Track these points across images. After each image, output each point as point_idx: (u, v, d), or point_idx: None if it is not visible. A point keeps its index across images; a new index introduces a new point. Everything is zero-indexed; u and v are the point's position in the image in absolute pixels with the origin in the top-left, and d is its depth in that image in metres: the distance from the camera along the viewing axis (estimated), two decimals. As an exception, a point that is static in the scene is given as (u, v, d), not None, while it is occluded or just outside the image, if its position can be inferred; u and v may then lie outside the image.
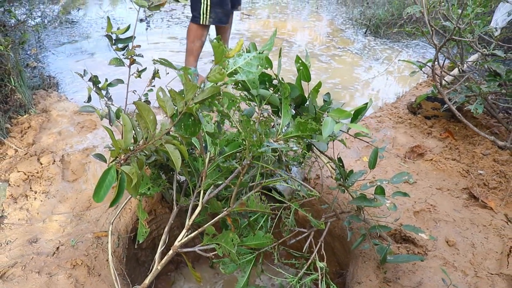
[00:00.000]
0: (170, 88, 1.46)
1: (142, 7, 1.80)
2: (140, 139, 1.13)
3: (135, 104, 1.05)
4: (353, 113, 1.24)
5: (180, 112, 1.02)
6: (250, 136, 1.04)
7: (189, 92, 0.99)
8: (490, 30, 2.59)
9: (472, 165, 2.40)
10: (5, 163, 2.34)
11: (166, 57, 3.49)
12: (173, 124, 1.03)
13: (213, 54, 0.99)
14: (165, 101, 1.03)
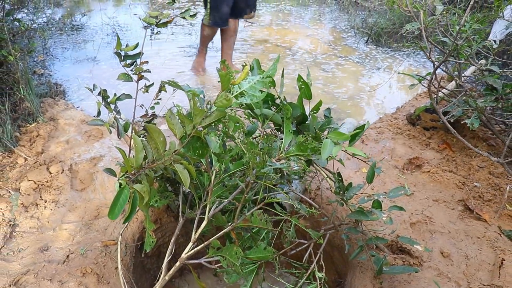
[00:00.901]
0: (179, 108, 1.54)
1: (150, 24, 1.88)
2: (150, 158, 1.20)
3: (147, 127, 1.12)
4: (350, 135, 1.31)
5: (189, 135, 1.10)
6: (254, 158, 1.11)
7: (197, 116, 1.07)
8: (488, 44, 2.67)
9: (468, 177, 2.47)
10: (15, 172, 2.41)
11: (170, 64, 3.57)
12: (182, 146, 1.11)
13: (220, 81, 1.06)
14: (174, 124, 1.10)
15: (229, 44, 3.87)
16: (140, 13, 5.86)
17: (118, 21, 5.43)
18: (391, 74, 4.07)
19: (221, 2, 3.51)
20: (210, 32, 3.78)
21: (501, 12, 2.88)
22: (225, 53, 3.93)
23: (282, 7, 6.25)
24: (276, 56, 4.32)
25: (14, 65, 3.19)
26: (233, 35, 3.84)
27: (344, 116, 3.31)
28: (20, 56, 3.31)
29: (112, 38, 4.86)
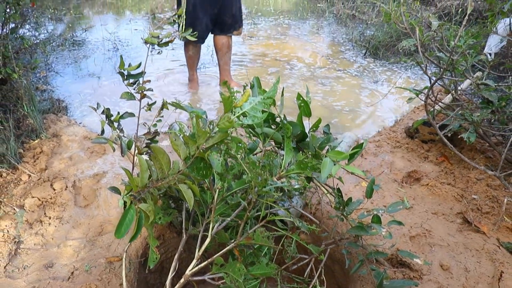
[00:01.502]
0: (181, 126, 1.57)
1: (152, 44, 1.92)
2: (155, 177, 1.24)
3: (152, 148, 1.16)
4: (349, 154, 1.35)
5: (193, 156, 1.13)
6: (256, 178, 1.15)
7: (201, 137, 1.11)
8: (483, 58, 2.71)
9: (466, 190, 2.50)
10: (20, 189, 2.45)
11: (170, 78, 3.61)
12: (186, 167, 1.14)
13: (223, 104, 1.10)
14: (178, 145, 1.14)
15: (226, 60, 3.93)
16: (141, 28, 5.93)
17: (119, 36, 5.50)
18: (389, 87, 4.12)
19: (195, 20, 3.57)
20: (193, 50, 3.84)
21: (494, 27, 2.93)
22: (223, 69, 3.98)
23: (281, 20, 6.32)
24: (275, 71, 4.39)
25: (18, 82, 3.24)
26: (228, 51, 3.90)
27: (343, 130, 3.35)
28: (23, 73, 3.37)
29: (113, 54, 4.91)
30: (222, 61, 3.95)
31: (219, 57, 3.93)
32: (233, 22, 3.76)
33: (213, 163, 1.14)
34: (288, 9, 6.98)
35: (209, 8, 3.59)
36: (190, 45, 3.80)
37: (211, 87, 4.09)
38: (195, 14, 3.55)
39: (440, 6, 5.93)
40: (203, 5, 3.55)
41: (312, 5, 7.12)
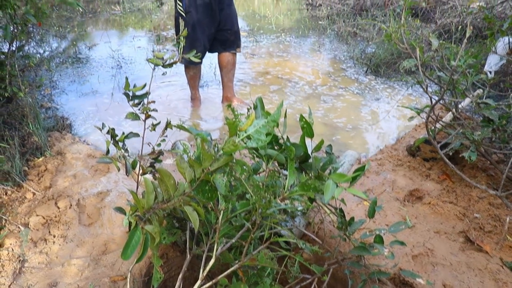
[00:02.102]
0: (185, 146, 1.59)
1: (156, 65, 1.95)
2: (160, 199, 1.26)
3: (158, 171, 1.18)
4: (351, 177, 1.37)
5: (198, 178, 1.15)
6: (260, 201, 1.17)
7: (206, 161, 1.13)
8: (483, 77, 2.75)
9: (468, 208, 2.51)
10: (24, 207, 2.47)
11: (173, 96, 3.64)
12: (192, 189, 1.17)
13: (228, 128, 1.13)
14: (184, 168, 1.16)
15: (229, 77, 3.97)
16: (144, 45, 5.99)
17: (122, 54, 5.56)
18: (390, 105, 4.15)
19: (194, 41, 3.61)
20: (194, 70, 3.87)
21: (494, 47, 2.97)
22: (227, 86, 4.02)
23: (282, 38, 6.39)
24: (277, 88, 4.43)
25: (23, 100, 3.28)
26: (232, 68, 3.94)
27: (344, 148, 3.37)
28: (28, 91, 3.41)
29: (116, 71, 4.97)
30: (226, 78, 3.99)
31: (223, 74, 3.97)
32: (235, 39, 3.81)
33: (219, 186, 1.16)
34: (290, 26, 7.06)
35: (207, 29, 3.64)
36: (190, 66, 3.84)
37: (214, 104, 4.12)
38: (194, 36, 3.60)
39: (440, 23, 5.99)
40: (202, 26, 3.60)
41: (313, 22, 7.19)
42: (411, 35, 5.39)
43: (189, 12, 3.51)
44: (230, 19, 3.71)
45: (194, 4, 3.50)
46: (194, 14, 3.52)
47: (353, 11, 7.22)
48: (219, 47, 3.84)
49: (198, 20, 3.55)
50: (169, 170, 2.81)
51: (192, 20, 3.53)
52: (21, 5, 3.18)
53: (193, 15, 3.52)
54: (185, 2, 3.49)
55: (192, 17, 3.52)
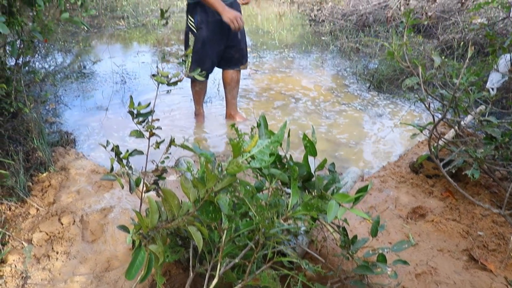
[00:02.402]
0: (189, 164, 1.60)
1: (161, 83, 1.97)
2: (164, 219, 1.27)
3: (162, 191, 1.19)
4: (354, 197, 1.38)
5: (202, 199, 1.16)
6: (263, 221, 1.18)
7: (210, 181, 1.14)
8: (485, 95, 2.76)
9: (472, 226, 2.51)
10: (28, 223, 2.48)
11: (177, 112, 3.65)
12: (196, 210, 1.17)
13: (232, 149, 1.14)
14: (188, 188, 1.17)
15: (233, 94, 3.99)
16: (148, 61, 6.04)
17: (126, 69, 5.60)
18: (393, 121, 4.16)
19: (203, 57, 3.61)
20: (201, 85, 3.87)
21: (495, 65, 2.99)
22: (230, 103, 4.04)
23: (286, 54, 6.44)
24: (281, 104, 4.45)
25: (28, 115, 3.30)
26: (236, 85, 3.96)
27: (347, 164, 3.38)
28: (33, 106, 3.44)
29: (120, 87, 5.00)
30: (229, 95, 4.01)
31: (227, 91, 3.99)
32: (240, 56, 3.83)
33: (222, 206, 1.17)
34: (293, 42, 7.11)
35: (217, 45, 3.64)
36: (197, 81, 3.84)
37: (218, 120, 4.14)
38: (204, 52, 3.60)
39: (442, 39, 6.03)
40: (212, 42, 3.60)
41: (316, 38, 7.24)
42: (414, 51, 5.42)
43: (200, 28, 3.52)
44: (237, 36, 3.73)
45: (205, 21, 3.50)
46: (205, 31, 3.53)
47: (356, 27, 7.28)
48: (224, 64, 3.86)
49: (209, 36, 3.56)
50: (172, 186, 2.83)
51: (202, 36, 3.54)
52: (28, 22, 3.22)
53: (203, 31, 3.53)
54: (197, 18, 3.49)
55: (202, 34, 3.53)
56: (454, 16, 6.53)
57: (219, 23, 3.50)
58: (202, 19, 3.50)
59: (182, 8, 9.52)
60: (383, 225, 1.72)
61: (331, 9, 8.20)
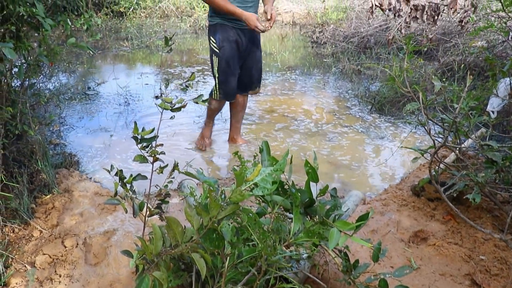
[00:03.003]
0: (192, 190, 1.63)
1: (165, 109, 2.01)
2: (168, 245, 1.29)
3: (166, 219, 1.22)
4: (355, 225, 1.40)
5: (205, 226, 1.18)
6: (266, 249, 1.20)
7: (213, 209, 1.16)
8: (485, 119, 2.79)
9: (474, 250, 2.51)
10: (31, 245, 2.49)
11: (179, 131, 3.67)
12: (199, 237, 1.19)
13: (235, 178, 1.16)
14: (192, 216, 1.20)
15: (238, 118, 4.01)
16: (151, 82, 6.10)
17: (130, 91, 5.66)
18: (395, 143, 4.19)
19: (229, 76, 3.59)
20: (218, 105, 3.84)
21: (495, 89, 3.03)
22: (234, 127, 4.06)
23: (288, 76, 6.50)
24: (283, 126, 4.49)
25: (33, 137, 3.33)
26: (242, 110, 3.98)
27: (349, 187, 3.39)
28: (38, 128, 3.47)
29: (124, 108, 5.05)
30: (234, 119, 4.03)
31: (231, 114, 4.02)
32: (249, 81, 3.81)
33: (226, 234, 1.19)
34: (295, 64, 7.18)
35: (237, 64, 3.63)
36: (214, 101, 3.79)
37: (220, 143, 4.17)
38: (229, 70, 3.57)
39: (443, 61, 6.08)
40: (235, 60, 3.59)
41: (318, 60, 7.32)
42: (415, 73, 5.48)
43: (223, 47, 3.51)
44: (251, 63, 3.74)
45: (227, 39, 3.50)
46: (228, 49, 3.52)
47: (357, 49, 7.35)
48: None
49: (232, 54, 3.54)
50: (175, 209, 2.84)
51: (226, 55, 3.53)
52: (34, 45, 3.27)
53: (226, 49, 3.52)
54: (218, 37, 3.49)
55: (226, 52, 3.52)
56: (454, 38, 6.60)
57: (238, 43, 3.54)
58: (224, 37, 3.49)
59: (185, 29, 9.65)
60: (384, 250, 1.73)
61: (333, 31, 8.29)
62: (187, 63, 7.15)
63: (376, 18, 7.75)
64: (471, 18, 6.40)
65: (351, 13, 8.63)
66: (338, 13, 10.05)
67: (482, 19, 6.54)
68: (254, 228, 1.36)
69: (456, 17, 6.81)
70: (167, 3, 10.72)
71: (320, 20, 9.91)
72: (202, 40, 8.92)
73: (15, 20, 2.82)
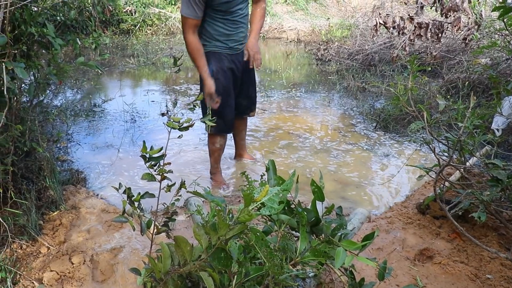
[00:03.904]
0: (200, 208, 1.65)
1: (173, 128, 2.04)
2: (177, 263, 1.31)
3: (175, 238, 1.24)
4: (361, 245, 1.42)
5: (214, 245, 1.21)
6: (273, 267, 1.22)
7: (222, 229, 1.18)
8: (490, 138, 2.81)
9: (480, 269, 2.51)
10: (39, 262, 2.51)
11: (184, 146, 3.67)
12: (208, 256, 1.22)
13: (243, 199, 1.19)
14: (200, 235, 1.22)
15: (241, 136, 4.02)
16: (158, 100, 6.16)
17: (136, 108, 5.71)
18: (400, 160, 4.20)
19: (224, 107, 3.38)
20: (221, 142, 3.64)
21: (499, 108, 3.05)
22: (239, 144, 4.07)
23: (293, 93, 6.54)
24: (287, 143, 4.52)
25: (41, 154, 3.37)
26: (244, 129, 3.98)
27: (354, 204, 3.40)
28: (46, 145, 3.51)
29: (130, 125, 5.09)
30: (238, 138, 4.04)
31: (234, 134, 3.99)
32: (248, 104, 3.75)
33: (234, 254, 1.21)
34: (300, 81, 7.23)
35: (233, 94, 3.47)
36: (218, 137, 3.58)
37: (226, 160, 4.19)
38: (225, 102, 3.37)
39: (447, 78, 6.11)
40: (230, 90, 3.42)
41: (323, 77, 7.37)
42: (419, 91, 5.51)
43: (217, 79, 3.28)
44: (247, 85, 3.62)
45: (221, 69, 3.31)
46: (222, 80, 3.32)
47: (362, 67, 7.40)
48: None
49: (227, 85, 3.37)
50: (181, 226, 2.86)
51: (221, 86, 3.31)
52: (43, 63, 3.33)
53: (221, 80, 3.31)
54: (212, 67, 3.28)
55: (220, 83, 3.30)
56: (458, 55, 6.64)
57: (233, 71, 3.37)
58: (218, 68, 3.30)
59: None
60: (390, 269, 1.74)
61: (338, 49, 8.35)
62: (192, 80, 7.21)
63: (381, 35, 7.81)
64: (475, 36, 6.46)
65: (356, 30, 8.70)
66: (343, 31, 10.14)
67: (485, 37, 6.59)
68: (261, 247, 1.38)
69: (460, 35, 6.85)
70: (173, 21, 10.84)
71: (325, 37, 9.99)
72: (208, 57, 8.99)
73: (26, 40, 2.88)
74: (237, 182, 3.80)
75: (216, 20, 3.20)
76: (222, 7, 3.14)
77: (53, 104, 5.24)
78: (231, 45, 3.31)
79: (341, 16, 11.98)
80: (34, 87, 3.15)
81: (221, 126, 3.44)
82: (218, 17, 3.19)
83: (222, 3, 3.12)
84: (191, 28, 3.12)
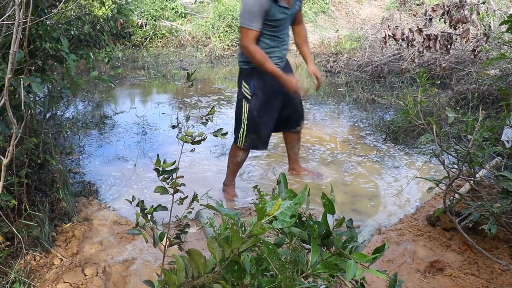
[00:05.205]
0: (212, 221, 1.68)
1: (186, 142, 2.07)
2: (190, 276, 1.33)
3: (189, 251, 1.27)
4: (372, 257, 1.43)
5: (227, 258, 1.23)
6: (285, 280, 1.24)
7: (235, 242, 1.21)
8: (499, 150, 2.81)
9: (491, 281, 2.50)
10: (52, 273, 2.55)
11: (196, 162, 3.68)
12: (221, 268, 1.24)
13: (256, 213, 1.22)
14: (214, 248, 1.25)
15: (295, 151, 4.03)
16: (168, 112, 6.22)
17: (147, 120, 5.77)
18: (410, 172, 4.21)
19: (260, 124, 3.42)
20: (243, 156, 3.65)
21: (509, 120, 3.05)
22: (292, 159, 4.08)
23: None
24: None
25: (54, 166, 3.43)
26: (297, 143, 3.99)
27: (364, 216, 3.41)
28: (59, 157, 3.57)
29: (141, 137, 5.15)
30: (291, 152, 4.04)
31: (288, 148, 4.03)
32: (297, 117, 3.80)
33: (247, 266, 1.24)
34: (309, 93, 7.26)
35: (274, 112, 3.49)
36: (241, 151, 3.60)
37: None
38: (260, 120, 3.41)
39: (457, 90, 6.11)
40: (269, 109, 3.43)
41: (332, 89, 7.39)
42: (428, 102, 5.51)
43: (256, 94, 3.34)
44: (294, 100, 3.63)
45: (262, 87, 3.33)
46: (261, 97, 3.35)
47: (371, 78, 7.42)
48: (283, 127, 3.80)
49: (266, 103, 3.39)
50: (192, 239, 2.88)
51: (259, 103, 3.35)
52: (58, 78, 3.40)
53: (260, 98, 3.35)
54: (253, 84, 3.32)
55: (258, 101, 3.35)
56: (467, 67, 6.64)
57: (275, 88, 3.34)
58: (259, 85, 3.32)
59: (201, 59, 9.82)
60: (401, 281, 1.75)
61: (347, 61, 8.38)
62: (202, 92, 7.27)
63: (390, 47, 7.82)
64: (484, 47, 6.47)
65: (365, 42, 8.72)
66: (352, 43, 10.17)
67: (494, 48, 6.59)
68: (273, 259, 1.40)
69: (469, 46, 6.86)
70: (183, 33, 10.95)
71: (334, 49, 10.03)
72: (218, 69, 9.08)
73: (41, 55, 2.95)
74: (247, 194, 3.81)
75: (264, 36, 3.22)
76: (275, 23, 3.19)
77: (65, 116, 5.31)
78: (275, 62, 3.28)
79: (350, 28, 12.04)
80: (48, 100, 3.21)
81: (255, 141, 3.52)
82: (267, 33, 3.22)
83: (277, 19, 3.17)
84: (253, 39, 3.14)
